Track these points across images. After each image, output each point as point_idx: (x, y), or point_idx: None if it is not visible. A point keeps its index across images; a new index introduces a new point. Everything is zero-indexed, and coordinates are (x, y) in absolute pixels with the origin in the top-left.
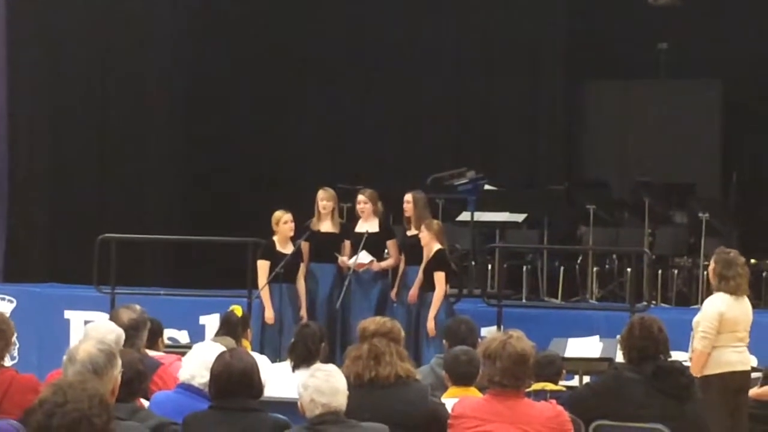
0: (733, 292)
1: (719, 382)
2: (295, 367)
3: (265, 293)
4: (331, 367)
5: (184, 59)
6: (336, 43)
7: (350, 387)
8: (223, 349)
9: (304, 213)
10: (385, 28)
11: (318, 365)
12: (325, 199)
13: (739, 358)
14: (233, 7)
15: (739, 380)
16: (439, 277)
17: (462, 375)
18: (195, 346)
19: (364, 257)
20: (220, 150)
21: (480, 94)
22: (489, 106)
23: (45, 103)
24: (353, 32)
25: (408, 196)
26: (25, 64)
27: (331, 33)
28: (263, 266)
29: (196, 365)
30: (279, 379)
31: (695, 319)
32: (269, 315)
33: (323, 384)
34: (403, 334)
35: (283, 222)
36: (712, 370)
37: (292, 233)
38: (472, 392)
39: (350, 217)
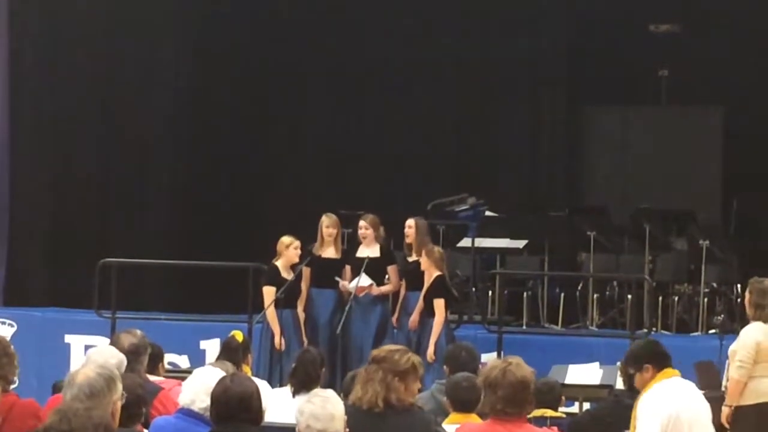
0: None
1: (755, 412)
2: (295, 393)
3: (273, 318)
4: (329, 393)
5: (187, 83)
6: (337, 66)
7: (355, 409)
8: (224, 373)
9: (305, 238)
10: (385, 52)
11: (316, 390)
12: (331, 227)
13: None
14: (234, 30)
15: None
16: (439, 304)
17: (463, 401)
18: (195, 371)
19: (364, 281)
20: (221, 175)
21: (480, 120)
22: (489, 133)
23: (47, 126)
24: (354, 56)
25: (410, 222)
26: (25, 95)
27: (332, 57)
28: (270, 292)
29: (197, 390)
30: (280, 405)
31: (731, 348)
32: (278, 340)
33: (319, 410)
34: (408, 364)
35: (293, 248)
36: (748, 400)
37: (297, 259)
38: (473, 419)
39: (351, 242)
